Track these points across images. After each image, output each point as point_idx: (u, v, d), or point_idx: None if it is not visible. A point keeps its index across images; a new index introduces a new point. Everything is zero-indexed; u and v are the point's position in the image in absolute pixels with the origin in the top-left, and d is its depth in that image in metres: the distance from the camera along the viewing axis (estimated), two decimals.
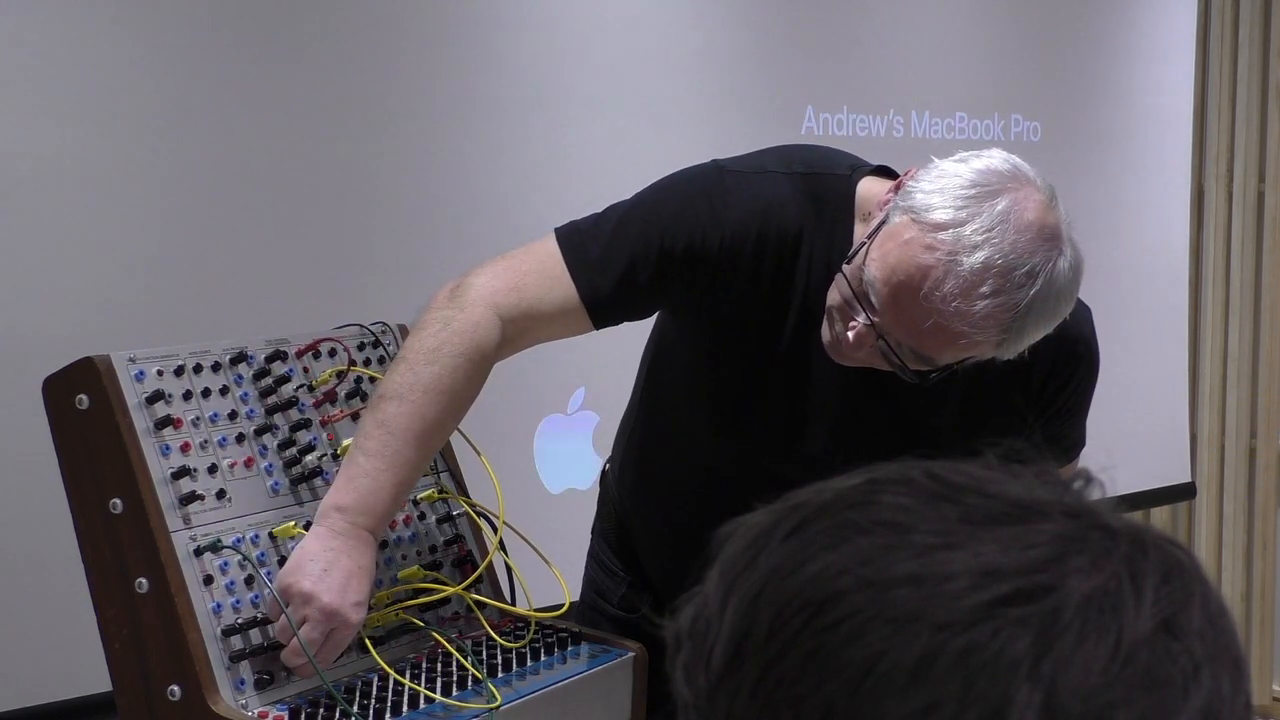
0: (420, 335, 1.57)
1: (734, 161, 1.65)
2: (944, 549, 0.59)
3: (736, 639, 0.61)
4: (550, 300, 1.61)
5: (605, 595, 1.94)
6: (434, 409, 1.53)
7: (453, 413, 1.57)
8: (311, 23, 2.50)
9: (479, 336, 1.57)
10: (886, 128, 3.36)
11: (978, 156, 1.48)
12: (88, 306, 2.28)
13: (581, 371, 2.85)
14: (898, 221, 1.47)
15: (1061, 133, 3.70)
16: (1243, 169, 4.22)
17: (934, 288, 1.42)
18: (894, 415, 1.65)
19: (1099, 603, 0.57)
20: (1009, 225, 1.41)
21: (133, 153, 2.33)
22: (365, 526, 1.50)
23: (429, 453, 1.57)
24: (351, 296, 2.42)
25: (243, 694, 1.43)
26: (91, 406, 1.46)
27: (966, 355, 1.51)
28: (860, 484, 0.64)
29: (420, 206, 2.64)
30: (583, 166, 2.80)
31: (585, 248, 1.62)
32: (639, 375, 1.89)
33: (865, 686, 0.57)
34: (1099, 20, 3.77)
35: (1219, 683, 0.58)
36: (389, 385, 1.54)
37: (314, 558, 1.46)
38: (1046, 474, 0.64)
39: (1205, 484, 4.31)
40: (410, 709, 1.48)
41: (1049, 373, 1.65)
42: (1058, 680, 0.55)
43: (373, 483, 1.50)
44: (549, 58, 2.80)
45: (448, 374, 1.54)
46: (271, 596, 1.47)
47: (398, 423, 1.52)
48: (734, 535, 0.65)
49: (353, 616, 1.46)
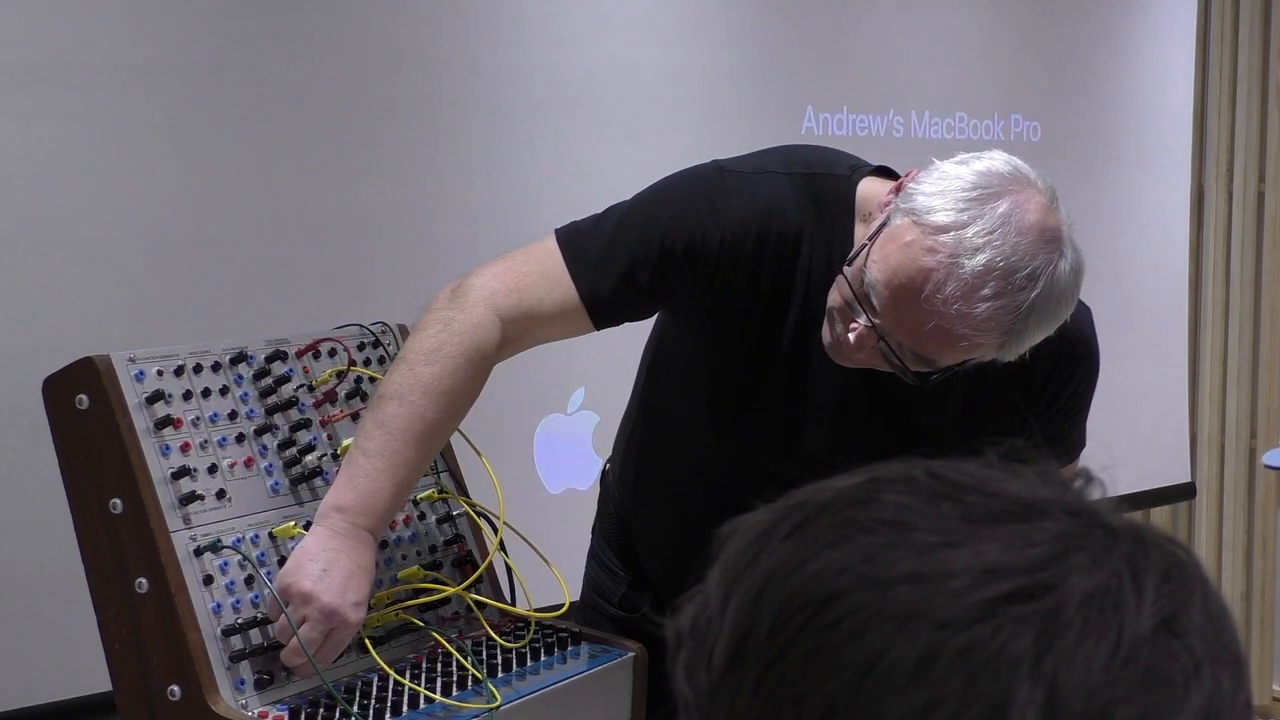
0: (420, 336, 1.57)
1: (734, 162, 1.65)
2: (945, 547, 0.59)
3: (738, 638, 0.61)
4: (550, 301, 1.61)
5: (605, 595, 1.94)
6: (434, 409, 1.53)
7: (453, 413, 1.57)
8: (313, 23, 2.50)
9: (479, 337, 1.57)
10: (886, 128, 3.36)
11: (978, 158, 1.48)
12: (88, 306, 2.28)
13: (581, 371, 2.85)
14: (899, 223, 1.46)
15: (1061, 133, 3.70)
16: (1243, 169, 4.22)
17: (935, 290, 1.42)
18: (894, 415, 1.65)
19: (1100, 601, 0.57)
20: (1010, 228, 1.41)
21: (133, 153, 2.33)
22: (365, 527, 1.50)
23: (429, 453, 1.57)
24: (351, 296, 2.42)
25: (243, 694, 1.43)
26: (91, 406, 1.46)
27: (967, 357, 1.51)
28: (861, 483, 0.64)
29: (421, 207, 2.64)
30: (583, 167, 2.80)
31: (585, 248, 1.62)
32: (639, 375, 1.88)
33: (867, 684, 0.57)
34: (1099, 20, 3.77)
35: (1219, 681, 0.58)
36: (389, 386, 1.54)
37: (314, 558, 1.46)
38: (1047, 473, 0.64)
39: (1205, 484, 4.31)
40: (410, 709, 1.48)
41: (1050, 373, 1.65)
42: (1059, 678, 0.55)
43: (373, 483, 1.50)
44: (550, 58, 2.80)
45: (448, 375, 1.54)
46: (271, 596, 1.47)
47: (397, 423, 1.52)
48: (735, 534, 0.65)
49: (352, 616, 1.46)
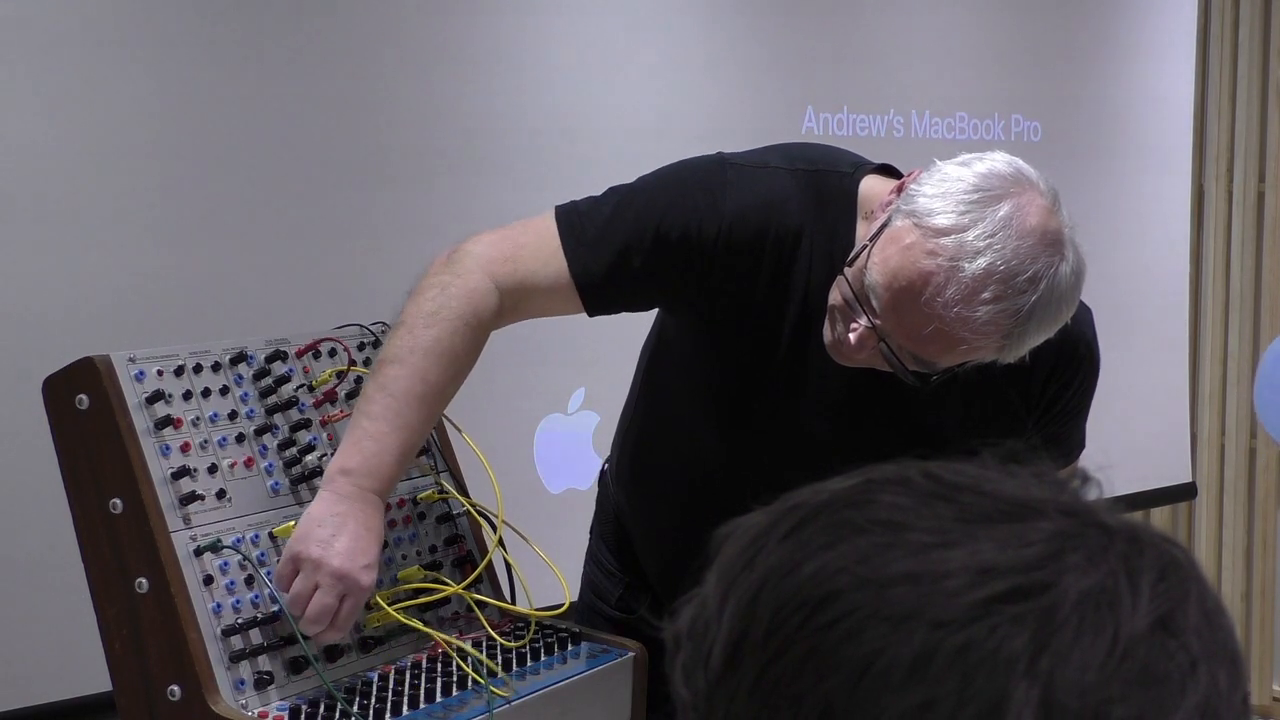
0: (418, 300, 1.58)
1: (738, 156, 1.65)
2: (941, 547, 0.59)
3: (735, 639, 0.61)
4: (544, 275, 1.61)
5: (603, 596, 1.94)
6: (435, 371, 1.54)
7: (453, 375, 1.57)
8: (313, 22, 2.50)
9: (476, 301, 1.57)
10: (886, 128, 3.36)
11: (980, 159, 1.47)
12: (88, 306, 2.28)
13: (581, 371, 2.85)
14: (899, 225, 1.46)
15: (1061, 133, 3.70)
16: (1243, 169, 4.22)
17: (935, 294, 1.41)
18: (895, 414, 1.65)
19: (1095, 600, 0.57)
20: (1011, 231, 1.41)
21: (133, 152, 2.33)
22: (371, 489, 1.50)
23: (432, 415, 1.57)
24: (351, 296, 2.42)
25: (243, 694, 1.43)
26: (91, 406, 1.46)
27: (967, 360, 1.51)
28: (857, 484, 0.64)
29: (421, 206, 2.64)
30: (584, 167, 2.80)
31: (582, 227, 1.62)
32: (637, 374, 1.88)
33: (863, 684, 0.57)
34: (1099, 20, 3.77)
35: (1216, 679, 0.58)
36: (389, 350, 1.55)
37: (321, 523, 1.47)
38: (1043, 473, 0.64)
39: (1205, 484, 4.31)
40: (410, 709, 1.48)
41: (1050, 374, 1.65)
42: (1055, 677, 0.55)
43: (377, 445, 1.50)
44: (550, 59, 2.80)
45: (446, 336, 1.55)
46: (281, 564, 1.47)
47: (399, 385, 1.52)
48: (732, 536, 0.66)
49: (364, 579, 1.46)
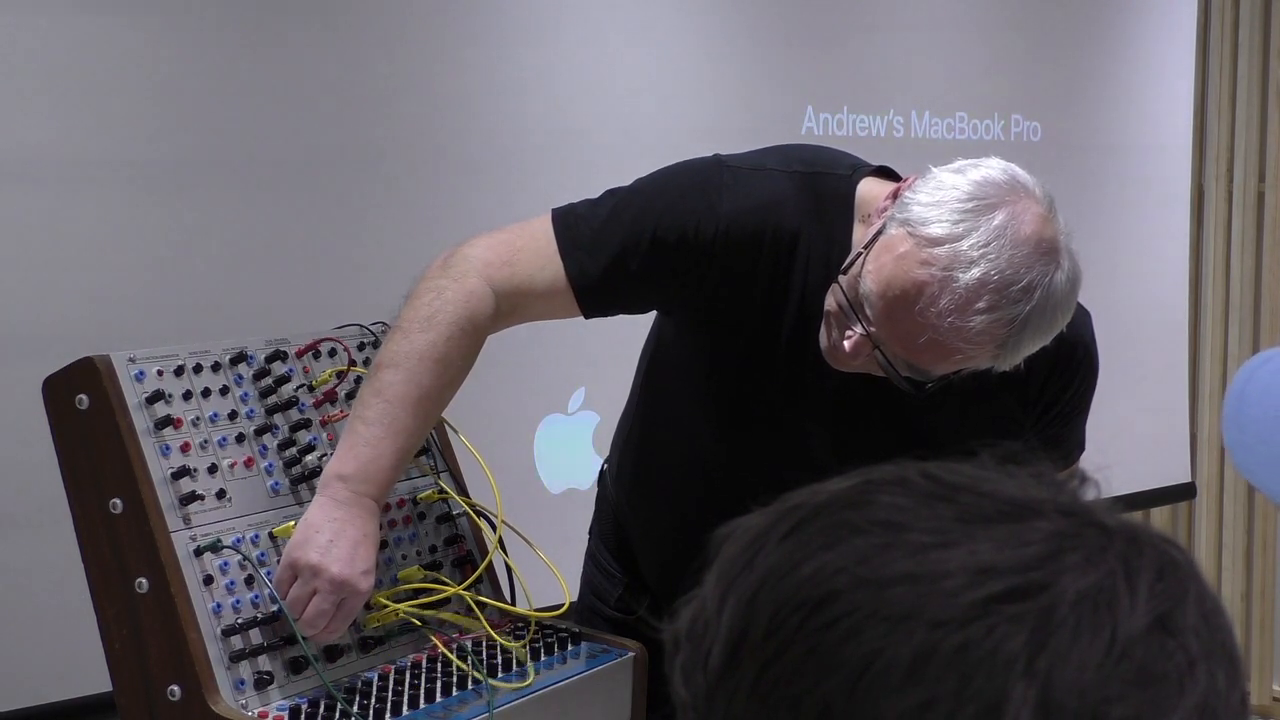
0: (414, 304, 1.58)
1: (735, 158, 1.65)
2: (939, 547, 0.59)
3: (734, 639, 0.62)
4: (541, 279, 1.61)
5: (602, 596, 1.94)
6: (430, 376, 1.54)
7: (448, 380, 1.57)
8: (313, 21, 2.50)
9: (472, 305, 1.57)
10: (886, 128, 3.36)
11: (975, 167, 1.46)
12: (88, 306, 2.28)
13: (581, 371, 2.85)
14: (893, 234, 1.45)
15: (1061, 133, 3.70)
16: (1243, 169, 4.22)
17: (929, 304, 1.41)
18: (893, 416, 1.65)
19: (1094, 600, 0.57)
20: (1005, 240, 1.40)
21: (133, 152, 2.33)
22: (367, 494, 1.50)
23: (427, 421, 1.57)
24: (351, 296, 2.42)
25: (243, 694, 1.43)
26: (91, 406, 1.46)
27: (962, 368, 1.50)
28: (856, 485, 0.64)
29: (422, 206, 2.64)
30: (584, 167, 2.80)
31: (578, 230, 1.62)
32: (636, 376, 1.88)
33: (862, 684, 0.57)
34: (1099, 20, 3.77)
35: (1214, 679, 0.58)
36: (385, 354, 1.55)
37: (319, 529, 1.47)
38: (1041, 473, 0.65)
39: (1205, 484, 4.31)
40: (410, 709, 1.48)
41: (1048, 377, 1.65)
42: (1053, 676, 0.55)
43: (373, 450, 1.51)
44: (550, 59, 2.80)
45: (442, 341, 1.55)
46: (280, 570, 1.48)
47: (394, 390, 1.52)
48: (731, 537, 0.66)
49: (362, 585, 1.47)
